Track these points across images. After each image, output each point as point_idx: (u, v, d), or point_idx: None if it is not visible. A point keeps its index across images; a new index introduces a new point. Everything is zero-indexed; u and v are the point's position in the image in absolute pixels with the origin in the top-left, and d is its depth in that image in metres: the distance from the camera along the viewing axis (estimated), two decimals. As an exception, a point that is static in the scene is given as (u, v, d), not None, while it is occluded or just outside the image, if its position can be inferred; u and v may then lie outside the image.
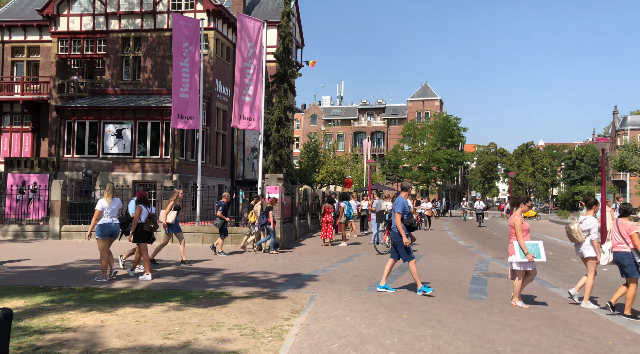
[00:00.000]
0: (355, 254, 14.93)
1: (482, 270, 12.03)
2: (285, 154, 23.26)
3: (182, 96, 16.79)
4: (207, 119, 28.87)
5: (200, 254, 14.05)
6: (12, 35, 31.37)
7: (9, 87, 30.78)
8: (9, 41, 31.33)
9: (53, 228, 16.31)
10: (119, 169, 25.59)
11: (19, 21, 30.88)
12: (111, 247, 9.98)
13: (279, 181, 16.10)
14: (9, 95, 30.37)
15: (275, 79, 24.70)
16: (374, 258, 13.96)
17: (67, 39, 29.89)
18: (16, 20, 30.93)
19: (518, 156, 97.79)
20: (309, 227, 22.44)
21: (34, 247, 14.84)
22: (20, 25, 30.91)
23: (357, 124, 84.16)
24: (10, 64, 31.56)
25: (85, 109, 25.84)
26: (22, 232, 16.42)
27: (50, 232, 16.33)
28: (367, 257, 14.21)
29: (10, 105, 31.18)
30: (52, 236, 16.33)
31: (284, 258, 13.59)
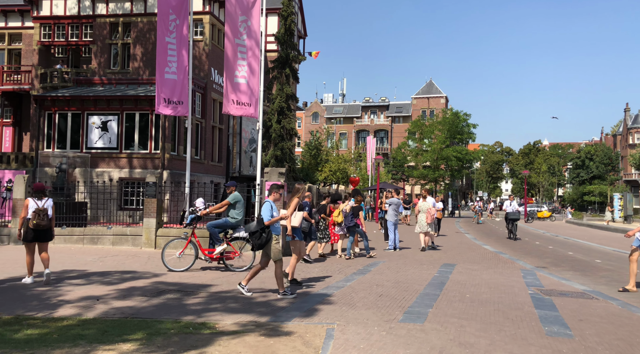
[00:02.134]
0: (372, 263, 12.53)
1: (536, 285, 9.63)
2: (287, 147, 20.89)
3: (168, 76, 14.41)
4: (202, 111, 26.49)
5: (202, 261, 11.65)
6: (-8, 21, 29.00)
7: (-13, 77, 28.40)
8: (-12, 27, 28.96)
9: (15, 232, 13.93)
10: (103, 165, 23.20)
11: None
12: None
13: (280, 176, 13.72)
14: (-12, 85, 27.97)
15: (275, 64, 22.30)
16: (397, 269, 11.54)
17: (50, 24, 27.52)
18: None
19: (524, 155, 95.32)
20: (314, 229, 20.05)
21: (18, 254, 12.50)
22: (1, 11, 28.53)
23: (360, 122, 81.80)
24: (-11, 52, 29.20)
25: (67, 99, 23.45)
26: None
27: (12, 237, 13.96)
28: (388, 267, 11.81)
29: (-11, 96, 28.80)
30: (13, 240, 13.97)
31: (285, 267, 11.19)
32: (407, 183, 66.79)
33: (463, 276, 10.52)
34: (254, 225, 7.87)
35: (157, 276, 9.70)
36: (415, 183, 57.59)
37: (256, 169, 15.54)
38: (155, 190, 13.91)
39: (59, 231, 14.03)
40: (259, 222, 7.79)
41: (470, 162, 52.15)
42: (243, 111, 14.43)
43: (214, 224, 10.67)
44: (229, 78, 14.26)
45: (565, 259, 14.92)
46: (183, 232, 10.87)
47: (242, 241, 10.65)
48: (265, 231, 7.75)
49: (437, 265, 12.27)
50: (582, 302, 8.09)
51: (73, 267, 10.58)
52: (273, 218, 7.89)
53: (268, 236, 7.75)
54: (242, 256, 10.77)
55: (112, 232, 14.07)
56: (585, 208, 72.82)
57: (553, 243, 20.71)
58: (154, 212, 13.91)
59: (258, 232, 7.73)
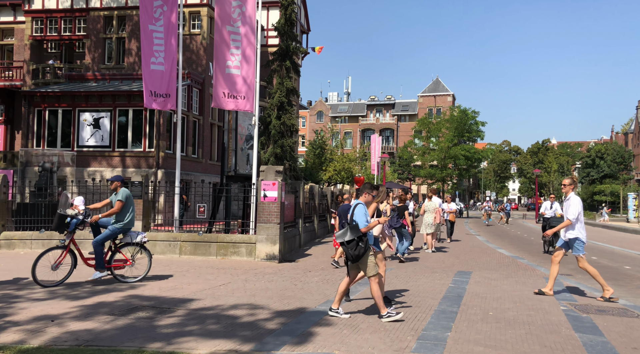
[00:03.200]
0: (378, 270, 11.28)
1: (567, 299, 8.38)
2: (288, 145, 19.68)
3: (154, 68, 13.26)
4: (199, 107, 25.38)
5: (191, 269, 10.48)
6: (-17, 16, 28.04)
7: (-21, 74, 27.42)
8: (-20, 23, 27.99)
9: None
10: (95, 164, 22.12)
11: (-9, 0, 27.53)
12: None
13: (277, 174, 12.53)
14: (-21, 82, 26.98)
15: (275, 56, 21.12)
16: (406, 278, 10.33)
17: (42, 18, 26.54)
18: (-13, -1, 27.57)
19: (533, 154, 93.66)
20: (316, 232, 18.86)
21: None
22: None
23: (366, 120, 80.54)
24: (-19, 49, 28.24)
25: (57, 95, 22.40)
26: (-50, 240, 12.95)
27: (-16, 242, 12.86)
28: (396, 276, 10.59)
29: (-19, 94, 27.83)
30: (-15, 245, 12.86)
31: (282, 278, 10.01)
32: (414, 183, 65.48)
33: (482, 287, 9.28)
34: (344, 233, 6.48)
35: (134, 288, 8.53)
36: (422, 183, 56.26)
37: (253, 167, 14.38)
38: (142, 190, 12.78)
39: (37, 235, 12.91)
40: (354, 229, 6.41)
41: (479, 161, 50.75)
42: (236, 105, 13.25)
43: (100, 241, 8.77)
44: (219, 69, 13.08)
45: (591, 265, 13.60)
46: (60, 240, 9.04)
47: (135, 247, 9.08)
48: (362, 239, 6.42)
49: (450, 273, 11.04)
50: (627, 322, 6.84)
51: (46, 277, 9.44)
52: (370, 224, 6.61)
53: (365, 245, 6.43)
54: (135, 265, 9.20)
55: (94, 237, 12.91)
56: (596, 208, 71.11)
57: (572, 246, 19.38)
58: (140, 214, 12.76)
59: (354, 241, 6.36)
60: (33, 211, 14.07)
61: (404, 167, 64.19)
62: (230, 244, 12.63)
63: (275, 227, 12.41)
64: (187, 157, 24.18)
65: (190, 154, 24.49)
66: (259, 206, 12.53)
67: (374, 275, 6.50)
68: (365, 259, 6.50)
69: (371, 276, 6.50)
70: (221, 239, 12.71)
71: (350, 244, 6.42)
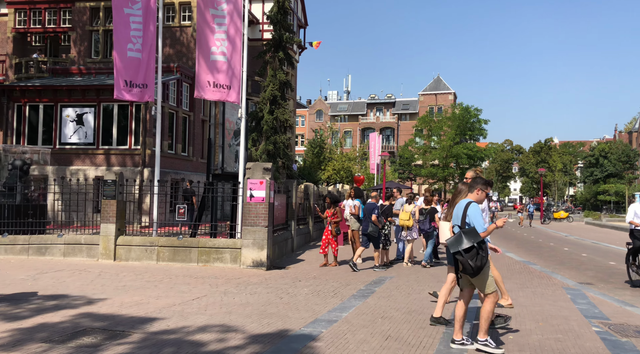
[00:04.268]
0: (378, 280, 10.09)
1: (597, 316, 7.16)
2: (281, 141, 18.45)
3: (131, 55, 12.04)
4: (190, 103, 24.17)
5: (165, 278, 9.26)
6: (-35, 8, 26.82)
7: (-40, 68, 26.20)
8: (-38, 15, 26.78)
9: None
10: (78, 163, 20.91)
11: (-27, -9, 26.31)
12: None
13: (265, 172, 11.32)
14: (-39, 78, 25.74)
15: (268, 46, 19.89)
16: (408, 290, 9.10)
17: (25, 9, 25.34)
18: (-31, -10, 26.35)
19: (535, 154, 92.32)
20: (311, 235, 17.64)
21: None
22: (-26, -4, 26.34)
23: (366, 119, 79.33)
24: (-37, 43, 27.01)
25: (38, 90, 21.19)
26: None
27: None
28: (397, 286, 9.37)
29: (-38, 90, 26.61)
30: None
31: (267, 289, 8.80)
32: (415, 182, 64.27)
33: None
34: (458, 239, 5.20)
35: (91, 304, 7.32)
36: (423, 182, 55.04)
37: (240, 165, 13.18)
38: (115, 189, 11.56)
39: (0, 239, 11.71)
40: (471, 234, 5.18)
41: (482, 160, 49.51)
42: (221, 95, 12.03)
43: None
44: (202, 55, 11.87)
45: (611, 271, 12.42)
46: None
47: None
48: (482, 246, 5.17)
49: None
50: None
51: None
52: (490, 227, 5.40)
53: (485, 254, 5.20)
54: None
55: (63, 241, 11.73)
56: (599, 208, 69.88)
57: (585, 249, 18.20)
58: (114, 216, 11.55)
59: (474, 249, 5.12)
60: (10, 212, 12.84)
61: (404, 167, 62.98)
62: (213, 250, 11.42)
63: (262, 231, 11.21)
64: (177, 156, 22.98)
65: (179, 152, 23.29)
66: (245, 208, 11.32)
67: (492, 292, 5.28)
68: (485, 271, 5.23)
69: (489, 294, 5.27)
70: (203, 244, 11.49)
71: (469, 253, 5.10)
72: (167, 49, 23.99)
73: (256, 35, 29.69)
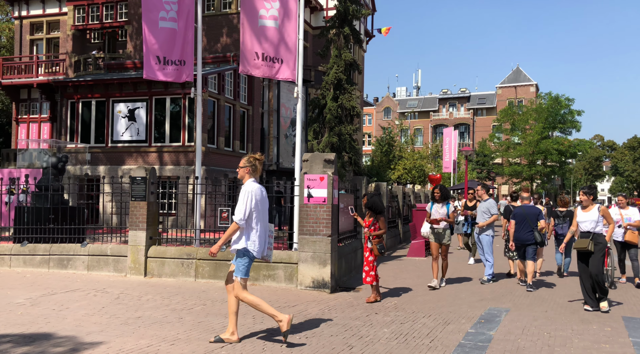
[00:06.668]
0: (488, 313, 7.10)
1: None
2: (347, 132, 15.77)
3: (163, 25, 9.90)
4: (248, 96, 22.16)
5: (197, 305, 6.95)
6: (30, 9, 26.67)
7: (26, 69, 26.04)
8: (27, 16, 26.65)
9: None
10: (131, 162, 19.50)
11: (36, -9, 26.07)
12: None
13: (327, 165, 8.72)
14: (27, 77, 25.48)
15: (332, 22, 17.26)
16: (545, 334, 6.05)
17: (83, 6, 24.60)
18: (33, -9, 26.15)
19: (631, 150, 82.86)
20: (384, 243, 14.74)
21: None
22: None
23: (437, 116, 74.84)
24: (29, 43, 26.91)
25: (90, 84, 20.07)
26: None
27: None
28: (523, 327, 6.33)
29: (28, 91, 26.43)
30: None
31: (330, 326, 6.15)
32: (494, 182, 59.17)
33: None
34: None
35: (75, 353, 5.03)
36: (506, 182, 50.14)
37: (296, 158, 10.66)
38: (145, 189, 9.44)
39: (18, 249, 9.97)
40: None
41: (574, 156, 43.99)
42: (270, 71, 9.57)
43: None
44: (248, 21, 9.46)
45: None
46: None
47: None
48: None
49: (618, 321, 6.62)
50: None
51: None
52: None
53: None
54: None
55: (87, 252, 9.78)
56: None
57: None
58: (144, 221, 9.43)
59: None
60: (31, 217, 11.21)
61: (481, 166, 58.14)
62: (263, 265, 8.96)
63: (324, 241, 8.59)
64: (234, 153, 21.02)
65: (237, 149, 21.32)
66: (302, 211, 8.78)
67: None
68: None
69: None
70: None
71: None
72: (223, 39, 22.17)
73: (319, 23, 27.26)
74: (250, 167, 5.45)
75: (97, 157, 19.88)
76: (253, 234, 5.35)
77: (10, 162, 21.38)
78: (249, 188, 5.33)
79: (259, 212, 5.37)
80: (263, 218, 5.48)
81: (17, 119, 25.66)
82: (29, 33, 26.77)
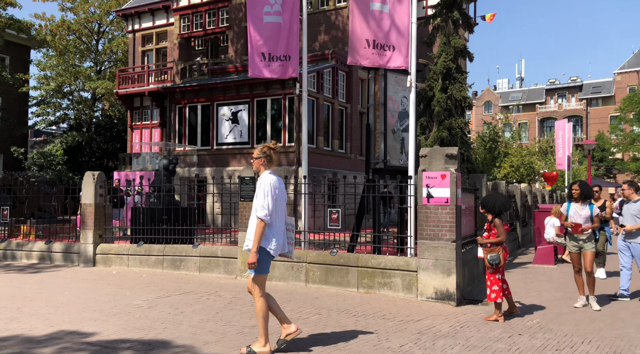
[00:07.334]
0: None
1: None
2: (458, 126, 14.53)
3: (268, 20, 9.57)
4: (346, 93, 21.64)
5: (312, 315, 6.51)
6: (141, 22, 28.50)
7: (138, 79, 27.86)
8: (139, 29, 28.52)
9: (85, 249, 10.48)
10: (234, 163, 19.83)
11: (147, 5, 27.77)
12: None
13: (449, 161, 7.77)
14: (139, 86, 27.24)
15: (438, 8, 16.13)
16: None
17: (188, 14, 25.70)
18: (144, 5, 27.90)
19: None
20: (504, 247, 13.32)
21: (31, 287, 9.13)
22: (148, 10, 27.76)
23: (545, 108, 69.19)
24: (140, 54, 28.78)
25: (196, 89, 20.76)
26: (48, 253, 11.01)
27: (82, 256, 10.54)
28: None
29: (140, 99, 28.25)
30: (83, 260, 10.53)
31: (466, 349, 5.22)
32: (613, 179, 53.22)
33: None
34: None
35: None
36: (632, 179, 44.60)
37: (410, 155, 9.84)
38: (253, 189, 9.16)
39: (135, 249, 10.19)
40: None
41: None
42: (382, 59, 8.80)
43: None
44: (358, 6, 8.77)
45: None
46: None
47: None
48: None
49: None
50: None
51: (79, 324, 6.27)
52: None
53: None
54: None
55: (198, 253, 9.73)
56: None
57: None
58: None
59: None
60: (145, 218, 11.53)
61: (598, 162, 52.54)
62: (378, 271, 8.22)
63: (448, 247, 7.65)
64: (333, 152, 20.60)
65: (336, 149, 20.88)
66: (420, 213, 7.90)
67: None
68: None
69: None
70: (363, 263, 8.37)
71: None
72: (321, 36, 21.86)
73: (419, 13, 26.01)
74: (265, 158, 5.11)
75: (203, 159, 20.51)
76: (269, 231, 4.94)
77: (126, 165, 22.85)
78: (266, 180, 4.94)
79: (276, 206, 4.93)
80: (281, 212, 5.03)
81: (132, 125, 27.52)
82: (140, 45, 28.61)
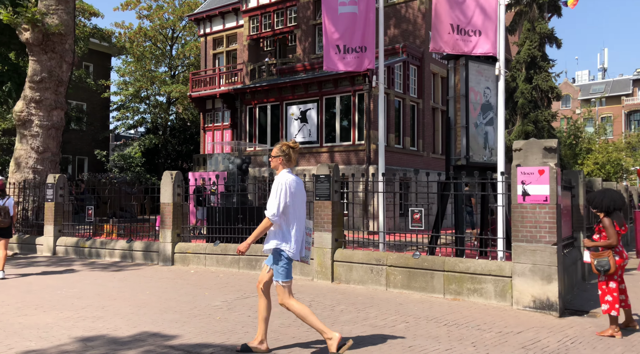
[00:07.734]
0: None
1: None
2: (544, 119, 13.37)
3: (343, 10, 9.15)
4: (418, 88, 20.84)
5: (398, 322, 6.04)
6: (212, 26, 29.23)
7: (210, 81, 28.55)
8: (210, 33, 29.26)
9: (164, 248, 10.61)
10: (304, 163, 19.67)
11: (217, 8, 28.40)
12: None
13: (547, 155, 7.00)
14: (211, 88, 27.90)
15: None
16: None
17: (257, 16, 25.96)
18: (215, 8, 28.56)
19: None
20: (601, 251, 12.04)
21: (115, 285, 9.30)
22: (219, 13, 28.39)
23: (631, 100, 63.79)
24: (212, 57, 29.50)
25: (265, 89, 20.83)
26: (129, 251, 11.25)
27: (161, 254, 10.67)
28: None
29: (212, 101, 28.96)
30: (162, 259, 10.65)
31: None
32: None
33: None
34: None
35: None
36: None
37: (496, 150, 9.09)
38: (329, 187, 8.80)
39: (212, 248, 10.16)
40: None
41: None
42: (467, 45, 8.12)
43: None
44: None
45: None
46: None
47: None
48: None
49: None
50: None
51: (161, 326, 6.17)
52: None
53: None
54: None
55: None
56: None
57: None
58: (329, 223, 8.79)
59: None
60: (221, 217, 11.53)
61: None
62: (467, 276, 7.55)
63: (547, 251, 6.86)
64: (405, 150, 19.88)
65: (408, 146, 20.14)
66: (515, 212, 7.15)
67: None
68: None
69: None
70: (450, 267, 7.73)
71: None
72: (390, 31, 21.21)
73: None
74: (283, 156, 4.82)
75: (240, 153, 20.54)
76: (288, 232, 4.59)
77: (199, 166, 23.42)
78: (283, 180, 4.68)
79: (295, 207, 4.66)
80: (300, 214, 4.67)
81: (204, 127, 28.25)
82: (211, 48, 29.32)
